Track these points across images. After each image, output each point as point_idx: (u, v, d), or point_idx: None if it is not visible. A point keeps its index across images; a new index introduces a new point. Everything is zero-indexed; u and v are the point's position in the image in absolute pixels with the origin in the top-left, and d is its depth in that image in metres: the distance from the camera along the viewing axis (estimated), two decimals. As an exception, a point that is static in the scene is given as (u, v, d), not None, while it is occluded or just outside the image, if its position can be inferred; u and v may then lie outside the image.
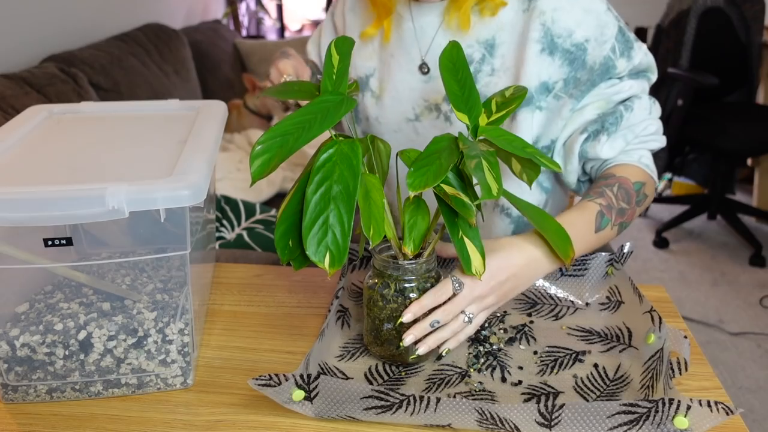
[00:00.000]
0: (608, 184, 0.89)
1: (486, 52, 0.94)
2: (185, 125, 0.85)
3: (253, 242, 1.71)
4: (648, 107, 0.94)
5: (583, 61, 0.91)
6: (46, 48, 2.00)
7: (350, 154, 0.64)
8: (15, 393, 0.73)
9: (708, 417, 0.62)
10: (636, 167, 0.93)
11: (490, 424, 0.67)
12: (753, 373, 2.07)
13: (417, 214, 0.72)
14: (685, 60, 2.76)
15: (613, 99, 0.94)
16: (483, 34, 0.94)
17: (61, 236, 0.68)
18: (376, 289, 0.76)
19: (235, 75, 2.95)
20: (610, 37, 0.91)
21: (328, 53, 0.73)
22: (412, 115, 1.01)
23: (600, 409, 0.63)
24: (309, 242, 0.63)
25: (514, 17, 0.93)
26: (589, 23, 0.90)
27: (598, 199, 0.87)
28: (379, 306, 0.76)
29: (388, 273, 0.75)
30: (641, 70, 0.96)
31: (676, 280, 2.64)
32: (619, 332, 0.85)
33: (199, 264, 0.84)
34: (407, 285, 0.75)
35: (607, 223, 0.87)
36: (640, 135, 0.93)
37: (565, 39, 0.90)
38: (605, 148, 0.92)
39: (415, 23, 0.97)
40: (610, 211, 0.87)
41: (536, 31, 0.90)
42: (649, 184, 0.93)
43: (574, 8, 0.90)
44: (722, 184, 2.96)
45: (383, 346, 0.78)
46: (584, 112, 0.94)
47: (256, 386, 0.67)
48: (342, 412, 0.69)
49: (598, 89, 0.94)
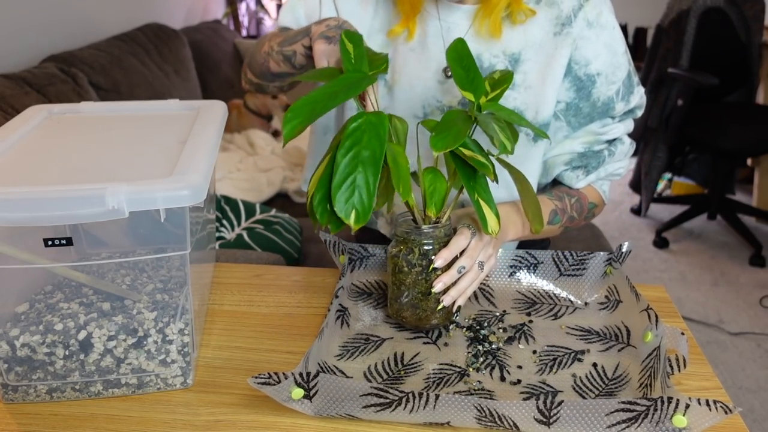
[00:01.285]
0: (569, 194, 1.02)
1: (509, 65, 0.95)
2: (185, 125, 0.85)
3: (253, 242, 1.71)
4: (626, 151, 1.03)
5: (588, 93, 0.96)
6: (46, 48, 2.00)
7: (377, 123, 0.72)
8: (15, 393, 0.73)
9: (707, 416, 0.62)
10: (595, 191, 1.05)
11: (489, 421, 0.67)
12: (753, 373, 2.08)
13: (435, 181, 0.80)
14: (685, 60, 2.76)
15: (602, 138, 1.01)
16: (510, 47, 0.95)
17: (61, 236, 0.68)
18: (401, 257, 0.82)
19: (235, 75, 2.95)
20: (619, 79, 0.97)
21: (342, 43, 0.81)
22: (421, 113, 1.00)
23: (599, 406, 0.63)
24: (337, 200, 0.69)
25: (544, 38, 0.94)
26: (605, 59, 0.95)
27: (556, 201, 1.00)
28: (405, 272, 0.82)
29: (411, 238, 0.81)
30: (632, 109, 1.01)
31: (676, 280, 2.64)
32: (617, 331, 0.86)
33: (199, 264, 0.84)
34: (428, 248, 0.81)
35: (558, 221, 0.99)
36: (611, 173, 1.04)
37: (581, 67, 0.95)
38: (580, 183, 1.02)
39: (442, 23, 0.97)
40: (563, 214, 1.00)
41: (565, 57, 0.94)
42: (599, 207, 1.06)
43: (598, 41, 0.94)
44: (722, 184, 2.96)
45: (410, 311, 0.84)
46: (574, 142, 1.01)
47: (256, 384, 0.67)
48: (341, 410, 0.69)
49: (591, 126, 1.00)
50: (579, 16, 0.93)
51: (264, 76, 1.03)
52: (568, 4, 0.94)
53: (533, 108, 0.96)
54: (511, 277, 0.96)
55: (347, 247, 0.97)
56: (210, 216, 0.94)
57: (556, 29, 0.94)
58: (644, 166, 3.03)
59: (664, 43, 2.91)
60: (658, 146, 2.90)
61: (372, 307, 0.92)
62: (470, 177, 0.77)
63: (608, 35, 0.95)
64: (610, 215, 3.23)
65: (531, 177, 1.01)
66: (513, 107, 0.96)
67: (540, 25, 0.94)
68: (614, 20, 0.96)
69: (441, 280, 0.80)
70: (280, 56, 0.96)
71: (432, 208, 0.81)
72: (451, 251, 0.80)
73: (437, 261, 0.79)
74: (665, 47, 2.90)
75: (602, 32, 0.94)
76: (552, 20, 0.94)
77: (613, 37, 0.95)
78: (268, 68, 1.00)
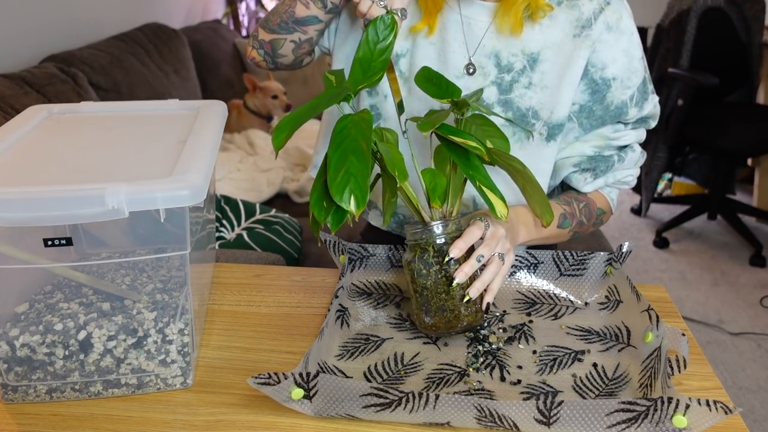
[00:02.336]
0: (578, 199, 1.01)
1: (527, 65, 0.95)
2: (185, 125, 0.85)
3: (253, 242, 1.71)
4: (636, 159, 1.02)
5: (603, 97, 0.96)
6: (46, 48, 2.00)
7: (360, 121, 0.76)
8: (15, 393, 0.73)
9: (707, 416, 0.62)
10: (603, 198, 1.04)
11: (488, 421, 0.67)
12: (753, 373, 2.08)
13: (435, 178, 0.83)
14: (686, 60, 2.76)
15: (612, 144, 1.00)
16: (529, 47, 0.95)
17: (60, 236, 0.68)
18: (416, 261, 0.81)
19: (235, 75, 2.95)
20: (634, 85, 0.96)
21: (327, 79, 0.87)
22: (437, 106, 1.00)
23: (599, 406, 0.63)
24: (335, 190, 0.72)
25: (563, 39, 0.94)
26: (622, 64, 0.95)
27: (565, 206, 0.99)
28: (423, 274, 0.81)
29: (424, 239, 0.81)
30: (645, 118, 1.00)
31: (676, 280, 2.64)
32: (617, 331, 0.85)
33: (199, 264, 0.84)
34: (441, 243, 0.81)
35: (568, 225, 0.99)
36: (619, 180, 1.03)
37: (597, 70, 0.95)
38: (587, 186, 1.01)
39: (463, 17, 0.96)
40: (573, 219, 0.99)
41: (583, 59, 0.94)
42: (607, 214, 1.05)
43: (616, 46, 0.94)
44: (722, 184, 2.96)
45: (438, 316, 0.81)
46: (584, 144, 1.00)
47: (255, 385, 0.67)
48: (341, 410, 0.69)
49: (603, 129, 0.99)
50: (599, 20, 0.93)
51: (285, 25, 0.97)
52: (588, 7, 0.94)
53: (548, 108, 0.96)
54: (511, 277, 0.96)
55: (347, 247, 0.97)
56: (210, 216, 0.94)
57: (575, 31, 0.94)
58: (644, 166, 3.03)
59: (664, 42, 2.91)
60: (658, 146, 2.90)
61: (372, 307, 0.92)
62: (468, 165, 0.79)
63: (626, 40, 0.94)
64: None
65: (542, 177, 1.00)
66: (528, 107, 0.96)
67: (560, 27, 0.94)
68: (633, 26, 0.95)
69: (462, 270, 0.79)
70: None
71: (436, 201, 0.82)
72: (465, 240, 0.80)
73: (452, 251, 0.79)
74: (665, 47, 2.90)
75: (621, 37, 0.94)
76: (572, 22, 0.94)
77: (631, 42, 0.95)
78: (293, 12, 0.94)
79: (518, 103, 0.96)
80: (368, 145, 0.74)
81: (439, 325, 0.82)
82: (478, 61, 0.96)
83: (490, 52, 0.95)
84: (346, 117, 0.77)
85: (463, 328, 0.82)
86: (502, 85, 0.96)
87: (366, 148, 0.74)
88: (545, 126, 0.96)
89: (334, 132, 0.76)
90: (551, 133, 0.97)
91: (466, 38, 0.96)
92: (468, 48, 0.96)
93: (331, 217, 0.75)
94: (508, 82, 0.95)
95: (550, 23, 0.94)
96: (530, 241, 0.94)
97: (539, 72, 0.95)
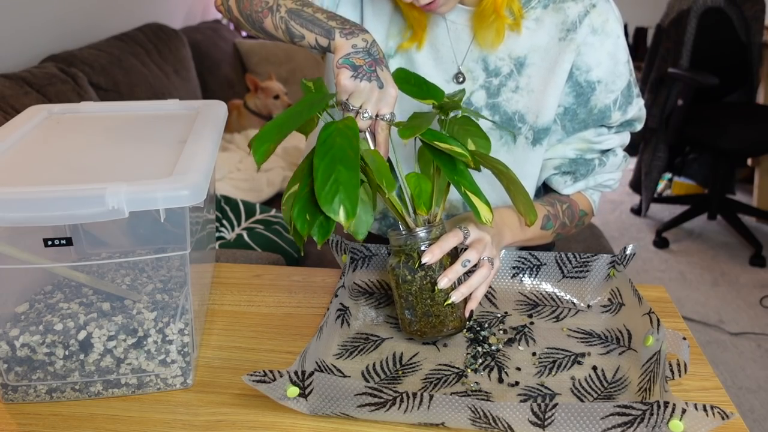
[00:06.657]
0: (561, 200, 1.01)
1: (515, 69, 0.95)
2: (185, 125, 0.85)
3: (253, 242, 1.71)
4: (618, 163, 1.02)
5: (587, 100, 0.96)
6: (46, 48, 2.00)
7: (345, 129, 0.75)
8: (15, 393, 0.73)
9: (704, 421, 0.62)
10: (586, 199, 1.04)
11: (483, 423, 0.67)
12: (753, 373, 2.08)
13: (420, 182, 0.82)
14: (685, 60, 2.76)
15: (595, 147, 1.00)
16: (515, 51, 0.95)
17: (60, 236, 0.68)
18: (400, 266, 0.81)
19: (235, 75, 2.95)
20: (618, 88, 0.96)
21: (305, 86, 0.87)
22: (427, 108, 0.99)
23: (594, 410, 0.63)
24: (324, 200, 0.70)
25: (549, 42, 0.94)
26: (607, 67, 0.95)
27: (548, 207, 0.99)
28: (408, 280, 0.80)
29: (408, 245, 0.80)
30: (630, 121, 1.00)
31: (676, 280, 2.64)
32: (619, 334, 0.85)
33: (199, 264, 0.84)
34: (425, 250, 0.80)
35: (551, 227, 0.98)
36: (601, 184, 1.03)
37: (582, 73, 0.95)
38: (567, 189, 1.02)
39: (449, 24, 0.96)
40: (556, 220, 0.99)
41: (568, 63, 0.93)
42: (589, 216, 1.05)
43: (601, 49, 0.94)
44: (722, 184, 2.96)
45: (423, 321, 0.81)
46: (566, 147, 1.00)
47: (251, 382, 0.67)
48: (336, 409, 0.69)
49: (586, 133, 0.99)
50: (584, 23, 0.93)
51: (251, 22, 0.92)
52: (574, 10, 0.93)
53: (534, 112, 0.96)
54: (513, 279, 0.96)
55: (349, 246, 0.97)
56: (210, 216, 0.94)
57: (561, 35, 0.93)
58: (644, 166, 3.03)
59: (664, 43, 2.91)
60: (658, 146, 2.90)
61: (373, 307, 0.92)
62: (453, 170, 0.78)
63: (612, 43, 0.94)
64: (610, 215, 3.23)
65: (529, 181, 1.00)
66: (515, 110, 0.96)
67: (546, 30, 0.94)
68: (620, 29, 0.95)
69: (446, 275, 0.78)
70: (284, 24, 0.86)
71: (422, 207, 0.81)
72: (441, 247, 0.79)
73: (425, 257, 0.78)
74: (665, 47, 2.90)
75: (606, 40, 0.93)
76: (558, 25, 0.94)
77: (616, 45, 0.94)
78: (261, 21, 0.89)
79: (505, 107, 0.96)
80: (356, 154, 0.73)
81: (425, 330, 0.81)
82: (467, 67, 0.96)
83: (478, 56, 0.95)
84: (330, 124, 0.76)
85: (447, 333, 0.81)
86: (490, 89, 0.96)
87: (354, 157, 0.72)
88: (531, 130, 0.96)
89: (320, 140, 0.74)
90: (537, 137, 0.97)
91: (453, 46, 0.96)
92: (456, 56, 0.96)
93: (316, 228, 0.73)
94: (496, 86, 0.95)
95: (536, 27, 0.94)
96: (515, 243, 0.94)
97: (526, 76, 0.95)
